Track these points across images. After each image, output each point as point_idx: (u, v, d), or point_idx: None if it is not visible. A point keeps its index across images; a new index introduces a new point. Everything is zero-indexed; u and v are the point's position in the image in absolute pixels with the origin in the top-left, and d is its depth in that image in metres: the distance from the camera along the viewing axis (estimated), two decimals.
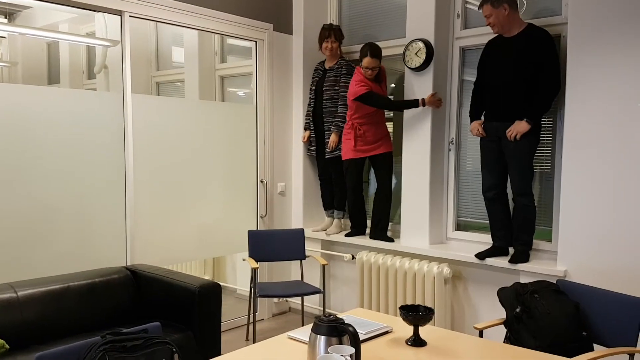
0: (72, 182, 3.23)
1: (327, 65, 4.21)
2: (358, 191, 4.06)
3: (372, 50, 3.72)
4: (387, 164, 3.96)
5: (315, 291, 3.67)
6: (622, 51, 2.84)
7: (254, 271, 3.68)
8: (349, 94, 3.84)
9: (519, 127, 3.13)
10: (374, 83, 3.84)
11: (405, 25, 3.80)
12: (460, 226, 3.83)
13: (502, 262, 3.29)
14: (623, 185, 2.86)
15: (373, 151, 3.94)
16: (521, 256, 3.24)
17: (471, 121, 3.44)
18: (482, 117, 3.41)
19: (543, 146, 3.38)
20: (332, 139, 4.09)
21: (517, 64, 3.16)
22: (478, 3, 3.64)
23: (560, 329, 2.41)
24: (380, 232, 3.95)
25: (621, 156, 2.86)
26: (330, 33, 4.10)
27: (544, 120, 3.35)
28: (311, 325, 1.80)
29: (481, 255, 3.37)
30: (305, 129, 4.40)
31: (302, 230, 4.04)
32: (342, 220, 4.34)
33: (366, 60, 3.72)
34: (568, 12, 3.06)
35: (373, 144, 3.93)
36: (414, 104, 3.66)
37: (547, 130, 3.36)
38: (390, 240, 3.90)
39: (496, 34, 3.29)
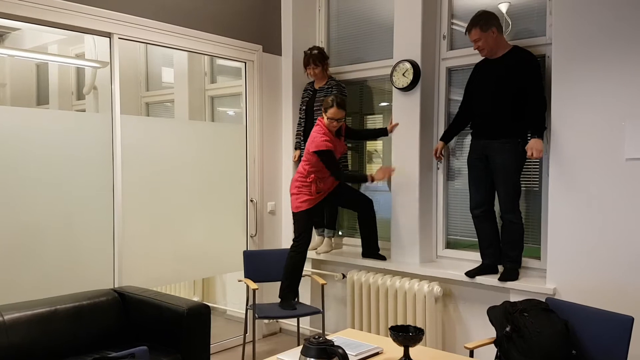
0: (59, 203, 3.21)
1: (316, 86, 4.24)
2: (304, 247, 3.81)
3: (339, 101, 3.62)
4: (348, 187, 3.94)
5: (314, 311, 3.65)
6: (606, 70, 2.90)
7: (253, 292, 3.63)
8: (310, 145, 3.68)
9: (537, 145, 3.08)
10: (336, 137, 3.76)
11: (392, 46, 3.85)
12: (450, 244, 3.84)
13: (491, 280, 3.30)
14: (610, 203, 2.89)
15: (327, 193, 3.86)
16: (510, 274, 3.25)
17: (440, 140, 3.64)
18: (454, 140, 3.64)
19: (531, 164, 3.42)
20: None
21: (502, 84, 3.22)
22: (463, 24, 3.71)
23: (550, 347, 2.41)
24: (373, 251, 3.94)
25: (607, 174, 2.90)
26: (309, 60, 4.11)
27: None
28: (301, 347, 1.79)
29: (471, 274, 3.38)
30: (296, 149, 4.41)
31: None
32: (332, 239, 4.33)
33: (332, 111, 3.59)
34: (552, 33, 3.12)
35: (326, 190, 3.88)
36: (362, 179, 3.76)
37: None
38: (383, 258, 3.90)
39: (483, 57, 3.35)
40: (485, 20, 3.20)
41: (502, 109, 3.22)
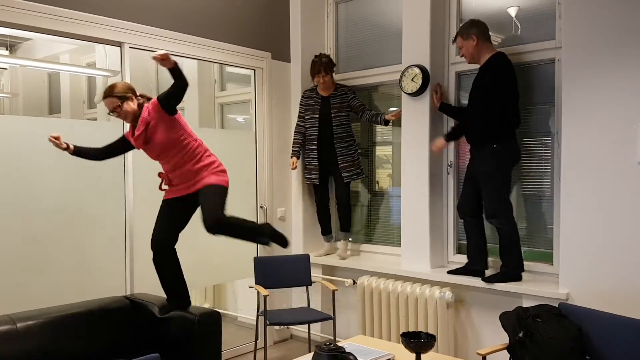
0: (71, 212, 3.24)
1: (323, 93, 4.23)
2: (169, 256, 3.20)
3: (106, 90, 2.95)
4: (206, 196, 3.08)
5: (326, 318, 3.64)
6: (616, 73, 2.88)
7: (264, 299, 3.62)
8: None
9: (438, 142, 3.45)
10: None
11: (401, 51, 3.85)
12: (461, 249, 3.82)
13: (505, 285, 3.26)
14: (622, 206, 2.86)
15: (182, 191, 3.12)
16: (498, 277, 3.27)
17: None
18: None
19: (542, 168, 3.40)
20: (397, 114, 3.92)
21: (477, 90, 3.29)
22: None
23: (563, 353, 2.39)
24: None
25: (619, 177, 2.87)
26: (320, 68, 4.10)
27: (541, 142, 3.38)
28: (312, 354, 1.79)
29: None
30: (292, 156, 4.27)
31: (307, 256, 4.02)
32: (348, 242, 4.33)
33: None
34: (562, 37, 3.11)
35: (181, 185, 3.13)
36: None
37: (546, 153, 3.38)
38: None
39: (469, 64, 3.43)
40: (466, 29, 3.28)
41: (476, 115, 3.28)
